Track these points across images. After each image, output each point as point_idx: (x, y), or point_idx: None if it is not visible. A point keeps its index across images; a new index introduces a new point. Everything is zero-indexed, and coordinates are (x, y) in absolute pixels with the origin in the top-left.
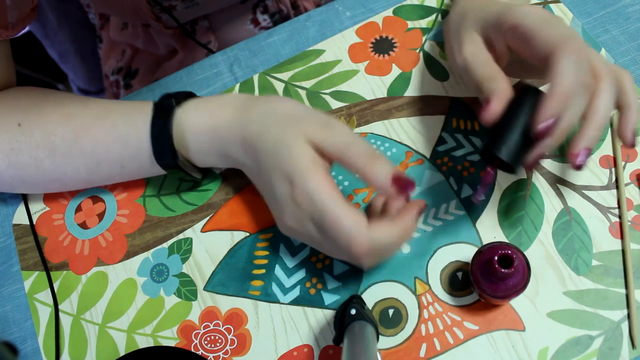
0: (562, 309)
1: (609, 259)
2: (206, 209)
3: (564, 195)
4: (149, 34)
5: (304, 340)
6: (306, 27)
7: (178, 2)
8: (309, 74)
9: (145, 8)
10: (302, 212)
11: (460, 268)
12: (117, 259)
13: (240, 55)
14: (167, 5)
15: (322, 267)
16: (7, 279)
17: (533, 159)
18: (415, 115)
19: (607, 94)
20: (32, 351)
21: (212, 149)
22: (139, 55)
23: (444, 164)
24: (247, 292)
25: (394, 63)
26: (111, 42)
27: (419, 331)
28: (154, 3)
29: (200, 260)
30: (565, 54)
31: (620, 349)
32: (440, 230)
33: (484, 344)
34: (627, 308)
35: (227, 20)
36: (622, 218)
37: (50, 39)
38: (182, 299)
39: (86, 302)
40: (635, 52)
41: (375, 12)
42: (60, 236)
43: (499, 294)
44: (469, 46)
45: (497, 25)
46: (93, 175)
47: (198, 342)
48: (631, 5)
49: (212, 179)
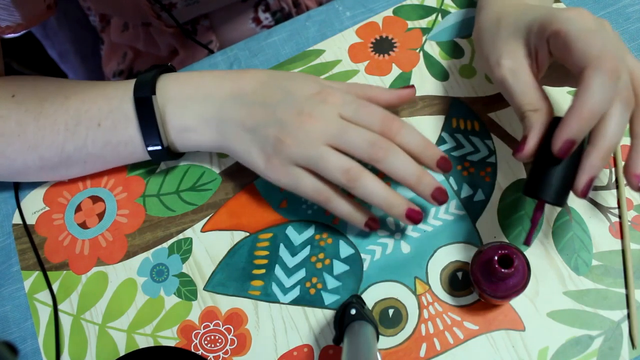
0: (562, 309)
1: (609, 259)
2: (206, 209)
3: None
4: (150, 34)
5: (304, 340)
6: (306, 27)
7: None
8: (309, 74)
9: (145, 6)
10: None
11: (460, 268)
12: (117, 259)
13: (240, 55)
14: (167, 4)
15: (322, 267)
16: (7, 279)
17: (584, 185)
18: (415, 115)
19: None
20: (32, 351)
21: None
22: (140, 57)
23: None
24: (247, 292)
25: (394, 63)
26: (112, 45)
27: (419, 331)
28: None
29: (200, 260)
30: (596, 72)
31: (620, 349)
32: (440, 230)
33: (484, 344)
34: (627, 308)
35: (228, 19)
36: (622, 218)
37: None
38: (182, 299)
39: (86, 302)
40: (636, 52)
41: (375, 12)
42: (60, 236)
43: (499, 294)
44: (508, 61)
45: (540, 31)
46: (68, 142)
47: (198, 342)
48: (631, 5)
49: (212, 178)
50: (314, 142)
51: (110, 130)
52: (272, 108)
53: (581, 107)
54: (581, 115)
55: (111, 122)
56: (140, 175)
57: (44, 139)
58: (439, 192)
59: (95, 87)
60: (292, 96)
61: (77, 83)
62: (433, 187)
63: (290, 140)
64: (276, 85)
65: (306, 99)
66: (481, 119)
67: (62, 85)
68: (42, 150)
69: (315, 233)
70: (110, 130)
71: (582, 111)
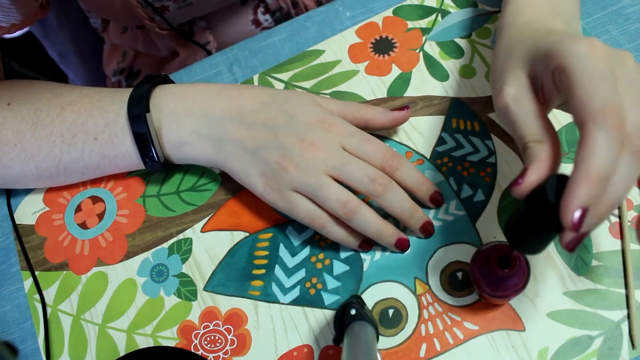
0: (562, 309)
1: (609, 259)
2: (206, 209)
3: None
4: (148, 36)
5: (304, 340)
6: (306, 27)
7: (170, 2)
8: (309, 74)
9: (138, 9)
10: None
11: (460, 268)
12: (117, 259)
13: (240, 55)
14: (159, 7)
15: (322, 267)
16: (7, 279)
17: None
18: (415, 115)
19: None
20: (32, 351)
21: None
22: (140, 57)
23: (444, 164)
24: (247, 292)
25: (394, 63)
26: (112, 45)
27: (419, 331)
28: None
29: (200, 260)
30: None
31: (620, 349)
32: (440, 230)
33: (484, 344)
34: (627, 308)
35: (227, 21)
36: (622, 218)
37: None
38: (182, 299)
39: (86, 302)
40: (635, 52)
41: (375, 12)
42: (60, 236)
43: (499, 294)
44: (511, 88)
45: (546, 62)
46: (65, 154)
47: (198, 342)
48: (631, 6)
49: (212, 178)
50: (315, 171)
51: (106, 144)
52: (274, 131)
53: (588, 172)
54: (590, 180)
55: (107, 136)
56: (140, 175)
57: (40, 149)
58: (426, 226)
59: (90, 97)
60: (295, 121)
61: (72, 90)
62: (423, 221)
63: (292, 167)
64: (277, 108)
65: (309, 126)
66: (481, 119)
67: (57, 93)
68: (39, 160)
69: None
70: (107, 144)
71: (589, 176)
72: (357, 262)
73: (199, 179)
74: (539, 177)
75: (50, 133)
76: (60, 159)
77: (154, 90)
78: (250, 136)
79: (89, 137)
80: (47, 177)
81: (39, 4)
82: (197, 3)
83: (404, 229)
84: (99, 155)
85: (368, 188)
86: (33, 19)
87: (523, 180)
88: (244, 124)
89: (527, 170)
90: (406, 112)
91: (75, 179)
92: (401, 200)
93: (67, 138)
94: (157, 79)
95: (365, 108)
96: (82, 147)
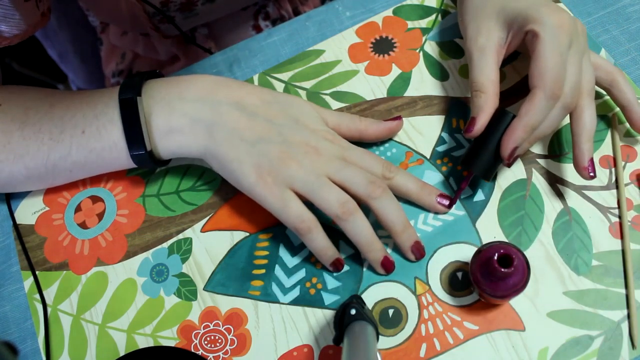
0: (562, 309)
1: (609, 259)
2: (206, 209)
3: (563, 195)
4: (149, 40)
5: (304, 340)
6: (306, 27)
7: (177, 13)
8: (309, 74)
9: (143, 18)
10: None
11: (460, 268)
12: (117, 259)
13: (239, 55)
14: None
15: (322, 267)
16: (7, 279)
17: (509, 152)
18: (415, 115)
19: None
20: (32, 351)
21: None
22: (139, 59)
23: (444, 164)
24: (247, 292)
25: (394, 63)
26: (112, 46)
27: (419, 331)
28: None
29: (200, 260)
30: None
31: (620, 349)
32: (440, 230)
33: (484, 344)
34: (627, 308)
35: (228, 28)
36: (622, 218)
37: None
38: (182, 299)
39: (86, 302)
40: (635, 52)
41: (375, 12)
42: (59, 236)
43: (499, 294)
44: (482, 38)
45: (523, 22)
46: (53, 151)
47: (198, 342)
48: (631, 5)
49: (212, 178)
50: (316, 171)
51: (94, 137)
52: (278, 127)
53: (526, 122)
54: (525, 128)
55: (95, 128)
56: (140, 175)
57: (29, 148)
58: (417, 246)
59: (81, 94)
60: (299, 125)
61: (65, 92)
62: (414, 240)
63: (294, 163)
64: (280, 109)
65: (313, 132)
66: None
67: (48, 94)
68: (28, 160)
69: None
70: (95, 137)
71: (526, 125)
72: (357, 262)
73: (198, 179)
74: (484, 124)
75: (38, 131)
76: (48, 156)
77: (146, 81)
78: (250, 127)
79: (76, 130)
80: (36, 178)
81: (40, 12)
82: (202, 13)
83: None
84: (87, 148)
85: (367, 190)
86: (35, 29)
87: (474, 127)
88: (244, 113)
89: (476, 119)
90: (399, 121)
91: (64, 178)
92: (397, 210)
93: (55, 135)
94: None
95: (359, 119)
96: (69, 142)
